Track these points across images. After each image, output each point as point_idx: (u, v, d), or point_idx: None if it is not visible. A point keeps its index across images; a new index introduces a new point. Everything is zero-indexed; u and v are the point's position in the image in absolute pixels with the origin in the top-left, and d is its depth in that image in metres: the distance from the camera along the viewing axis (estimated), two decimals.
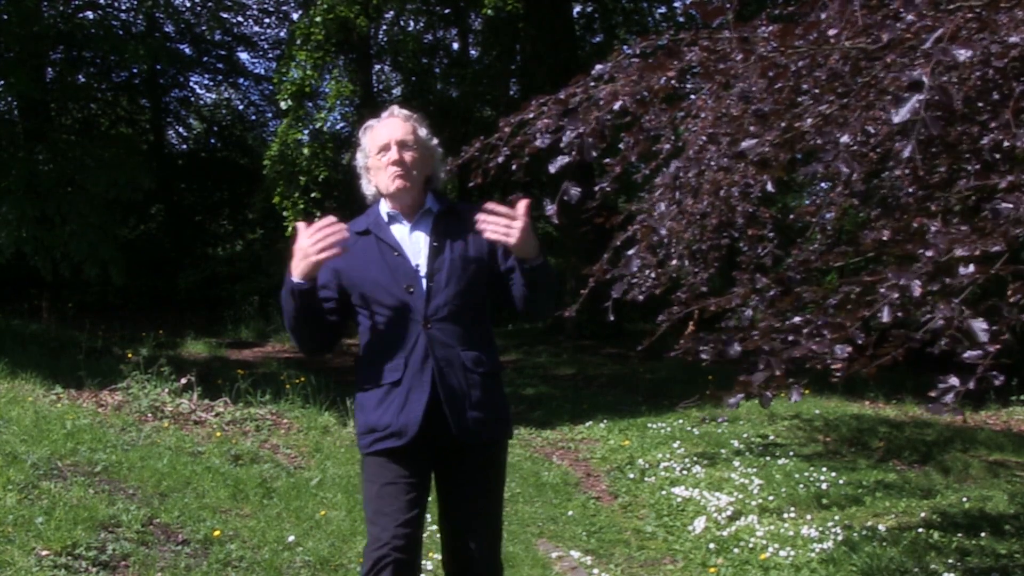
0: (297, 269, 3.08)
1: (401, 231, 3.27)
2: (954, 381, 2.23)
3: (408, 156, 3.23)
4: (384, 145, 3.24)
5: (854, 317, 2.45)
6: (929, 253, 2.26)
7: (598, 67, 3.45)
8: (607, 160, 3.33)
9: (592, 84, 3.44)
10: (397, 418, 3.11)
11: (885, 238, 3.05)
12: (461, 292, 3.16)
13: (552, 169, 3.23)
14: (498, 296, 3.29)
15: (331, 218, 3.08)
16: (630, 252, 3.79)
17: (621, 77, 3.29)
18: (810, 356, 2.59)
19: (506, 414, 3.32)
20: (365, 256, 3.22)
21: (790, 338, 2.76)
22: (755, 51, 2.89)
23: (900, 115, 2.22)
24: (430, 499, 3.27)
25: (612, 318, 3.97)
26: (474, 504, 3.21)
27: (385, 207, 3.31)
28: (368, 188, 3.36)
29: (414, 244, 3.24)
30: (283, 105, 12.03)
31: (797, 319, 2.82)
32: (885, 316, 2.33)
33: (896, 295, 2.31)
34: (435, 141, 3.36)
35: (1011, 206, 2.17)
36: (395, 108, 3.38)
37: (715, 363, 3.20)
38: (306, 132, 12.10)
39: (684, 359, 3.41)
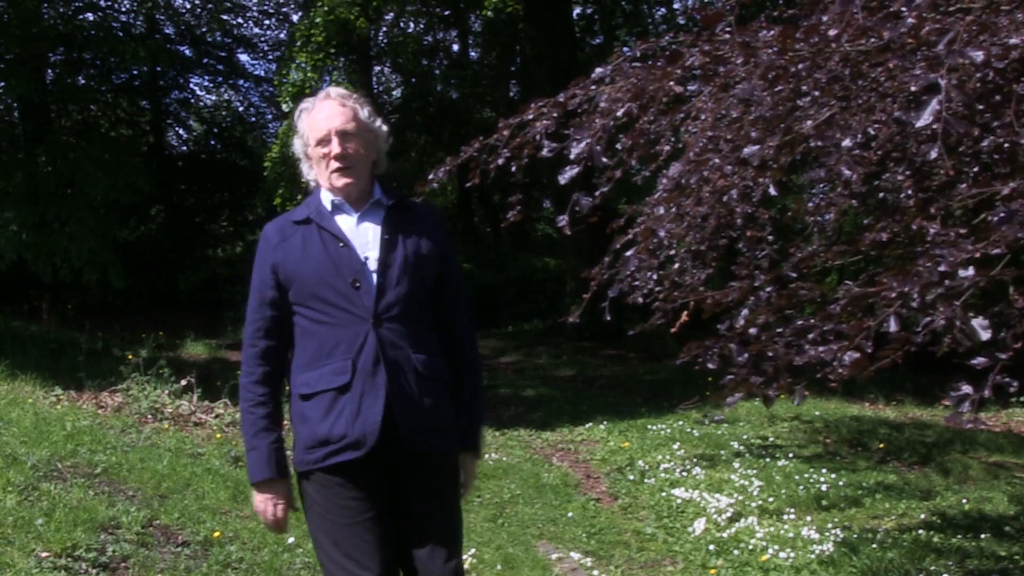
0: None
1: (347, 222, 2.98)
2: (967, 389, 2.21)
3: (351, 147, 2.95)
4: (323, 137, 2.95)
5: (860, 327, 2.45)
6: (942, 268, 2.24)
7: (598, 70, 3.45)
8: (604, 159, 3.31)
9: (592, 87, 3.44)
10: (352, 427, 2.82)
11: (884, 239, 3.05)
12: (413, 291, 2.92)
13: (562, 180, 3.21)
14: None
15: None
16: (628, 253, 3.79)
17: (621, 80, 3.29)
18: (816, 363, 2.59)
19: (454, 426, 3.05)
20: (304, 247, 2.93)
21: (794, 342, 2.75)
22: (757, 55, 2.90)
23: (923, 119, 2.21)
24: None
25: (608, 318, 3.96)
26: (432, 520, 2.94)
27: (328, 196, 3.01)
28: (308, 175, 3.09)
29: (362, 236, 2.96)
30: (284, 107, 12.04)
31: (799, 322, 2.82)
32: (892, 326, 2.32)
33: (900, 304, 2.30)
34: (378, 122, 3.07)
35: (1014, 211, 2.17)
36: (331, 90, 3.07)
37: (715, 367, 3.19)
38: None
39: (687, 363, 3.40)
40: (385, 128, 3.09)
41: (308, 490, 2.92)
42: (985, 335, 2.20)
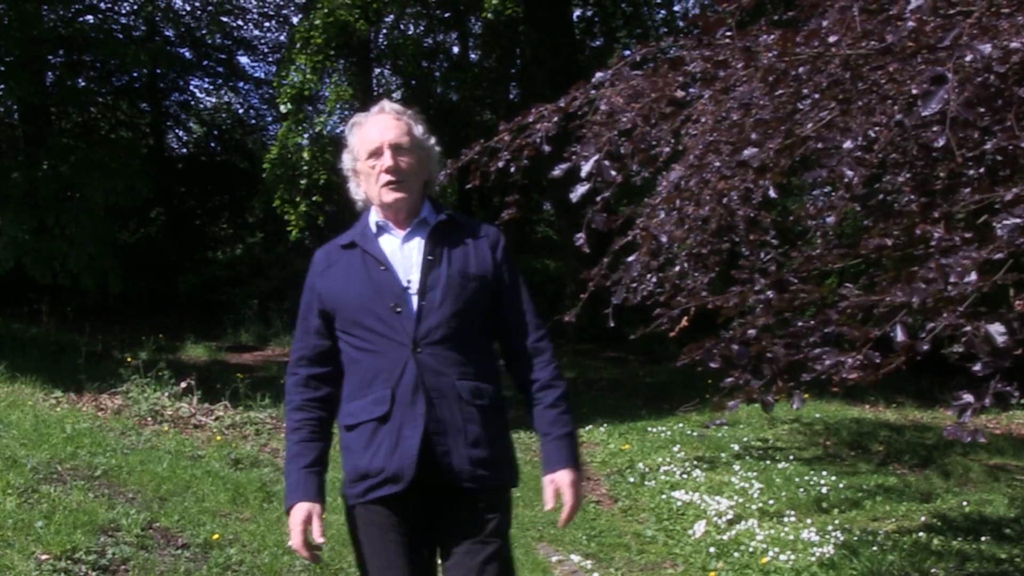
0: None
1: (391, 243, 2.85)
2: (969, 398, 2.19)
3: (404, 162, 2.82)
4: (375, 149, 2.82)
5: (866, 336, 2.44)
6: (952, 279, 2.23)
7: (598, 74, 3.45)
8: (613, 172, 3.31)
9: (593, 91, 3.44)
10: (391, 460, 2.69)
11: (889, 243, 3.05)
12: (458, 313, 2.74)
13: (574, 198, 3.22)
14: (497, 332, 2.91)
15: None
16: (630, 258, 3.79)
17: (622, 85, 3.28)
18: (823, 371, 2.58)
19: (509, 458, 2.89)
20: (348, 272, 2.83)
21: (794, 343, 2.75)
22: (757, 59, 2.90)
23: (931, 107, 2.21)
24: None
25: (612, 324, 3.97)
26: (476, 560, 2.74)
27: (375, 216, 2.89)
28: (357, 193, 2.96)
29: (406, 258, 2.82)
30: (283, 108, 12.04)
31: (799, 323, 2.81)
32: (899, 335, 2.31)
33: (905, 314, 2.30)
34: (432, 140, 2.95)
35: (1018, 220, 2.16)
36: (386, 103, 2.93)
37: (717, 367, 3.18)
38: (306, 136, 12.11)
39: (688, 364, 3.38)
40: (438, 149, 2.98)
41: (354, 524, 2.81)
42: (1001, 340, 2.18)
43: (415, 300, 2.73)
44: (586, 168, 3.16)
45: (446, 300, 2.74)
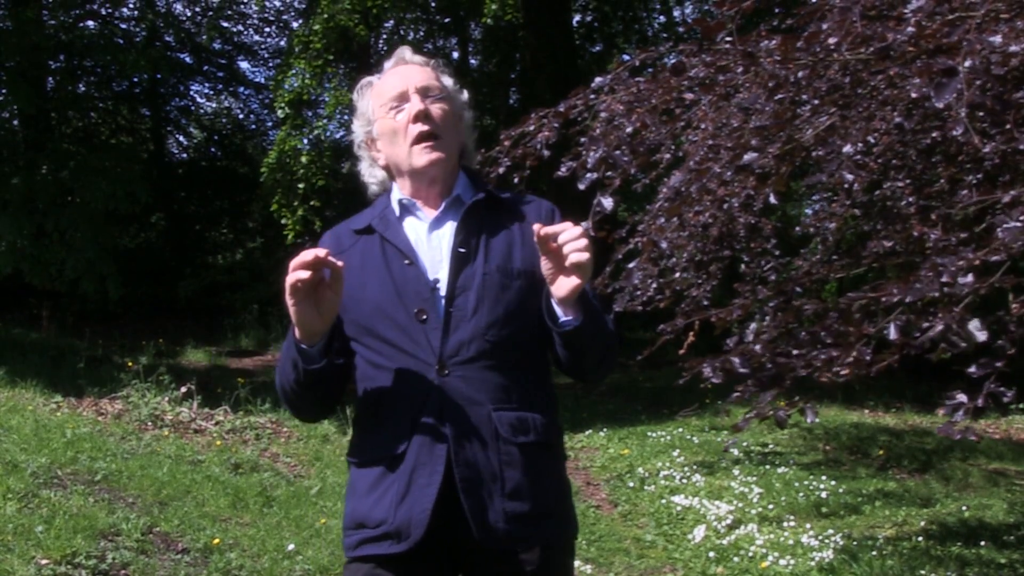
0: (295, 320, 2.05)
1: (417, 229, 2.21)
2: (962, 398, 2.20)
3: (439, 109, 2.18)
4: (400, 95, 2.18)
5: (860, 333, 2.45)
6: (944, 279, 2.24)
7: (598, 80, 3.46)
8: (608, 174, 3.31)
9: (592, 96, 3.45)
10: (395, 512, 2.08)
11: (888, 247, 3.06)
12: (497, 322, 2.11)
13: (582, 187, 3.15)
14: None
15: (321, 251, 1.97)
16: (631, 265, 3.80)
17: (622, 91, 3.29)
18: (816, 369, 2.59)
19: (564, 505, 2.21)
20: (363, 265, 2.19)
21: (794, 352, 2.76)
22: (760, 64, 2.91)
23: (944, 98, 2.22)
24: None
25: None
26: None
27: (397, 193, 2.25)
28: (373, 174, 2.32)
29: (433, 249, 2.18)
30: (280, 113, 12.05)
31: (802, 335, 2.82)
32: (892, 333, 2.32)
33: (902, 312, 2.31)
34: (466, 96, 2.33)
35: (1018, 224, 2.18)
36: (406, 51, 2.30)
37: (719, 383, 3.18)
38: (305, 140, 12.12)
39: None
40: (470, 112, 2.33)
41: None
42: (981, 336, 2.19)
43: (442, 305, 2.12)
44: (594, 157, 3.10)
45: (482, 306, 2.12)
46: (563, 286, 2.00)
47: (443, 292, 2.12)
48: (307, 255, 1.94)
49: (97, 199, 13.41)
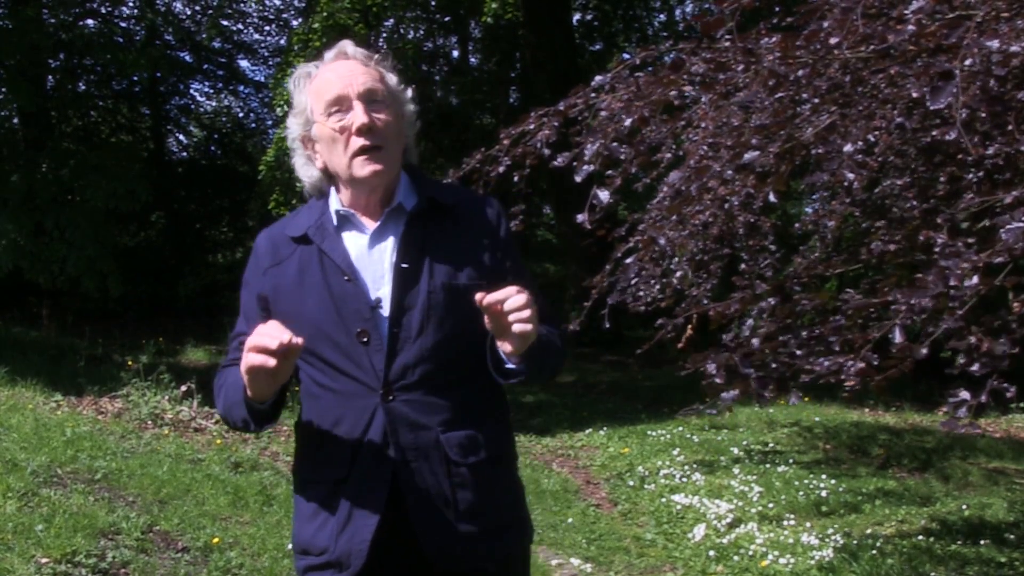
0: (249, 388, 1.93)
1: (358, 241, 2.08)
2: (965, 395, 2.21)
3: (381, 119, 2.02)
4: (339, 99, 2.02)
5: (864, 338, 2.45)
6: (952, 282, 2.24)
7: (598, 78, 3.46)
8: (609, 172, 3.29)
9: (592, 95, 3.45)
10: (335, 541, 2.01)
11: (892, 249, 3.06)
12: (445, 343, 2.01)
13: (578, 178, 3.11)
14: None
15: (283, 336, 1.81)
16: (628, 260, 3.80)
17: (623, 89, 3.29)
18: (822, 374, 2.59)
19: (520, 514, 2.18)
20: (301, 280, 2.06)
21: (797, 352, 2.76)
22: (760, 62, 2.91)
23: (940, 101, 2.22)
24: None
25: (608, 325, 3.96)
26: None
27: (336, 202, 2.11)
28: (308, 173, 2.15)
29: (375, 263, 2.05)
30: (280, 112, 12.06)
31: (804, 333, 2.82)
32: (897, 337, 2.32)
33: (907, 315, 2.31)
34: (409, 92, 2.17)
35: (1021, 224, 2.18)
36: (348, 45, 2.12)
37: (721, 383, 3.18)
38: None
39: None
40: (414, 106, 2.18)
41: None
42: (1001, 351, 2.21)
43: (386, 327, 2.00)
44: (591, 149, 3.06)
45: (427, 326, 2.00)
46: (507, 345, 1.90)
47: (386, 312, 2.01)
48: (270, 342, 1.80)
49: (97, 197, 13.42)
